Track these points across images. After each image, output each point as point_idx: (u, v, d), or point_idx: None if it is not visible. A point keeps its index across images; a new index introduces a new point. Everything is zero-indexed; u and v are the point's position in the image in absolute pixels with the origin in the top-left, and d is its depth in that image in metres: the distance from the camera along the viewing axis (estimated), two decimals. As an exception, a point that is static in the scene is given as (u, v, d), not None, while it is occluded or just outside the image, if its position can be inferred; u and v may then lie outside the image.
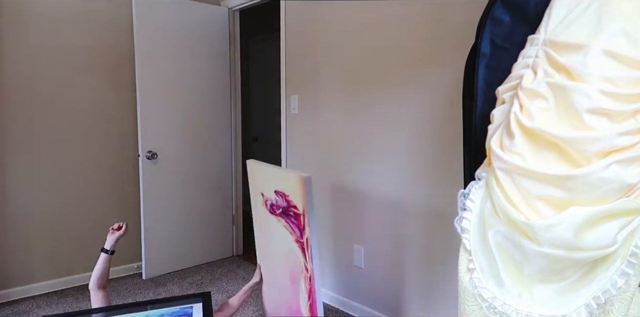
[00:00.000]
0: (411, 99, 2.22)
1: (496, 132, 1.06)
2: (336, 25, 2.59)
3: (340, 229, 2.69)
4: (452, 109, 2.03)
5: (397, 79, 2.27)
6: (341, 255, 2.69)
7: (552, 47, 0.98)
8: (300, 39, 2.85)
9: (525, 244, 0.93)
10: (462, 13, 1.97)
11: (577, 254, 0.88)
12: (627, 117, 0.88)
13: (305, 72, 2.83)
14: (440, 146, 2.12)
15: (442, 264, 2.13)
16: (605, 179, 0.87)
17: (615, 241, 0.87)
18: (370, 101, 2.42)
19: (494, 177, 1.01)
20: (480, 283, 1.01)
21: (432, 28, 2.10)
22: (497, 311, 0.97)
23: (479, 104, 1.21)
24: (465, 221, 1.08)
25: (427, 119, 2.16)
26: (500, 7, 1.18)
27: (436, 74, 2.10)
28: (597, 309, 0.89)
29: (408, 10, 2.19)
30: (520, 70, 1.05)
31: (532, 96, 0.98)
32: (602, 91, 0.88)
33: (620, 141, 0.87)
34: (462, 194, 1.12)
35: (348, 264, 2.65)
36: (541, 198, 0.93)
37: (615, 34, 0.90)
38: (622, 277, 0.88)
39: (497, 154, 1.00)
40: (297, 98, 2.90)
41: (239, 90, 3.61)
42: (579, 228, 0.87)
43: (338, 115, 2.62)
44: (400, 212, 2.31)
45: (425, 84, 2.15)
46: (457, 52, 1.98)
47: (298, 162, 2.94)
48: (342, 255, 2.68)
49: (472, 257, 1.04)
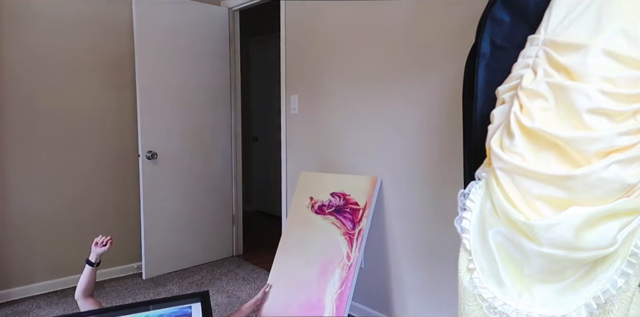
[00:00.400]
0: (411, 98, 2.22)
1: (496, 132, 1.06)
2: (336, 25, 2.59)
3: (340, 229, 2.69)
4: (452, 109, 2.03)
5: (397, 79, 2.27)
6: (341, 255, 2.69)
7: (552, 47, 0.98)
8: (300, 39, 2.85)
9: (525, 244, 0.93)
10: (462, 13, 1.97)
11: (577, 254, 0.88)
12: (627, 117, 0.88)
13: (305, 72, 2.83)
14: (440, 146, 2.12)
15: (442, 264, 2.13)
16: (605, 179, 0.87)
17: (615, 241, 0.87)
18: (371, 101, 2.42)
19: (494, 177, 1.01)
20: (480, 283, 1.01)
21: (432, 28, 2.10)
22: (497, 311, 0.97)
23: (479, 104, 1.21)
24: (465, 221, 1.08)
25: (427, 119, 2.16)
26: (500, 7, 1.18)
27: (436, 74, 2.10)
28: (597, 309, 0.89)
29: (408, 10, 2.20)
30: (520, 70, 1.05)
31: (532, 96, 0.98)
32: (602, 91, 0.89)
33: (620, 141, 0.87)
34: (462, 194, 1.12)
35: (348, 264, 2.65)
36: (541, 198, 0.93)
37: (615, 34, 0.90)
38: (622, 277, 0.88)
39: (497, 154, 1.00)
40: (297, 98, 2.90)
41: (239, 90, 3.61)
42: (579, 228, 0.87)
43: (338, 115, 2.62)
44: (400, 211, 2.31)
45: (425, 84, 2.15)
46: (457, 52, 1.98)
47: (298, 162, 2.94)
48: (342, 255, 2.68)
49: (472, 257, 1.04)
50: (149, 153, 3.05)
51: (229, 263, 3.47)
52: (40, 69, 2.79)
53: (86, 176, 3.01)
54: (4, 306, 2.68)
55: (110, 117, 3.08)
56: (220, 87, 3.45)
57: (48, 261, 2.89)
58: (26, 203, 2.80)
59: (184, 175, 3.27)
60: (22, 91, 2.74)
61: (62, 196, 2.92)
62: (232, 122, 3.56)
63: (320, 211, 2.45)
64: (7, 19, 2.66)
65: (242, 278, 3.16)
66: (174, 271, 3.27)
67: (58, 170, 2.90)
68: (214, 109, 3.42)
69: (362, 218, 2.25)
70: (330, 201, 2.43)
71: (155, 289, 2.96)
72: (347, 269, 2.18)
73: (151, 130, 3.06)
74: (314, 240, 2.41)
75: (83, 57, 2.94)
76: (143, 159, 3.03)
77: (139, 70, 2.97)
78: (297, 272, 2.38)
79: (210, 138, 3.41)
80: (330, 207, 2.41)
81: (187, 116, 3.26)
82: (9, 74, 2.69)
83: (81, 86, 2.95)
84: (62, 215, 2.93)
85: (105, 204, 3.10)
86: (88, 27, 2.95)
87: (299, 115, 2.90)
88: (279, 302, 2.35)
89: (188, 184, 3.30)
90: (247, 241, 3.90)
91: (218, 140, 3.47)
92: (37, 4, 2.75)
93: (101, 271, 3.04)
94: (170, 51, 3.11)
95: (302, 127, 2.89)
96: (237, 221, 3.67)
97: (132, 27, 3.00)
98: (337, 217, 2.36)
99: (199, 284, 3.04)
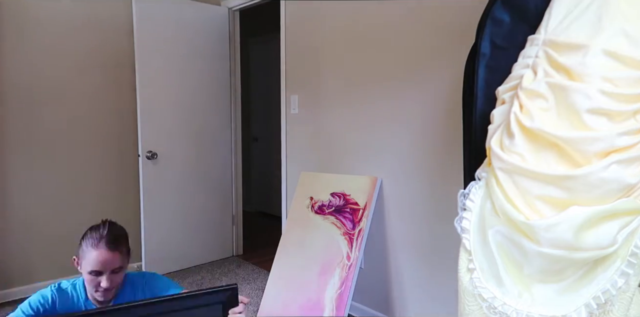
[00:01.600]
0: (411, 98, 2.22)
1: (496, 132, 1.06)
2: (336, 25, 2.59)
3: (340, 229, 2.68)
4: (452, 109, 2.03)
5: (397, 79, 2.27)
6: (341, 255, 2.69)
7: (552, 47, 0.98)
8: (300, 39, 2.85)
9: (525, 244, 0.93)
10: (462, 13, 1.97)
11: (577, 254, 0.88)
12: (627, 117, 0.88)
13: (305, 72, 2.83)
14: (440, 146, 2.12)
15: (442, 264, 2.13)
16: (605, 179, 0.87)
17: (615, 241, 0.87)
18: (371, 101, 2.42)
19: (494, 177, 1.01)
20: (480, 283, 1.01)
21: (432, 28, 2.10)
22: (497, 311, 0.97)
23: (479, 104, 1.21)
24: (465, 221, 1.08)
25: (427, 119, 2.16)
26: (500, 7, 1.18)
27: (436, 74, 2.10)
28: (597, 309, 0.89)
29: (408, 11, 2.19)
30: (520, 70, 1.05)
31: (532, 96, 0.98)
32: (602, 91, 0.88)
33: (620, 141, 0.87)
34: (462, 194, 1.12)
35: (348, 264, 2.65)
36: (541, 198, 0.93)
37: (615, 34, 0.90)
38: (622, 277, 0.88)
39: (497, 154, 1.00)
40: (297, 98, 2.90)
41: (239, 90, 3.61)
42: (579, 228, 0.87)
43: (338, 115, 2.62)
44: (400, 211, 2.31)
45: (425, 84, 2.15)
46: (457, 52, 1.98)
47: (298, 162, 2.94)
48: (342, 255, 2.68)
49: (472, 257, 1.04)
50: (149, 153, 3.05)
51: (229, 263, 3.47)
52: (40, 69, 2.79)
53: (86, 176, 3.01)
54: (4, 306, 2.68)
55: (110, 117, 3.08)
56: (220, 87, 3.45)
57: (48, 261, 2.89)
58: (26, 203, 2.80)
59: (184, 175, 3.27)
60: (22, 91, 2.73)
61: (62, 196, 2.92)
62: (232, 122, 3.56)
63: (320, 211, 2.47)
64: (7, 19, 2.66)
65: (242, 278, 3.16)
66: (174, 271, 3.26)
67: (58, 170, 2.90)
68: (214, 109, 3.42)
69: (362, 218, 2.26)
70: (331, 201, 2.44)
71: (155, 289, 2.95)
72: (347, 269, 2.19)
73: (151, 130, 3.06)
74: (314, 240, 2.42)
75: (83, 57, 2.94)
76: (143, 159, 3.03)
77: (139, 70, 2.97)
78: (297, 272, 2.38)
79: (210, 138, 3.41)
80: (330, 207, 2.42)
81: (187, 116, 3.25)
82: (9, 74, 2.69)
83: (81, 86, 2.95)
84: (62, 215, 2.93)
85: (105, 204, 3.10)
86: (88, 27, 2.95)
87: (299, 115, 2.90)
88: (279, 302, 2.35)
89: (188, 184, 3.30)
90: (247, 241, 3.90)
91: (218, 141, 3.47)
92: (37, 5, 2.75)
93: (101, 271, 3.04)
94: (170, 51, 3.11)
95: (302, 127, 2.89)
96: (237, 221, 3.67)
97: (132, 27, 3.00)
98: (337, 217, 2.37)
99: (199, 284, 3.04)
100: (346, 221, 2.32)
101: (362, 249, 2.19)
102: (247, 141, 5.27)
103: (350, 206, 2.34)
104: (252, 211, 5.28)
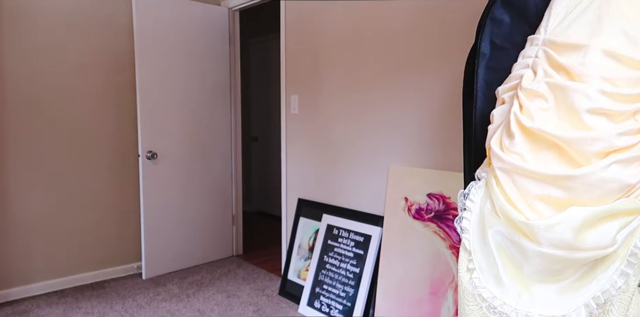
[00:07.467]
0: (411, 98, 2.22)
1: (496, 132, 1.06)
2: (336, 25, 2.59)
3: (340, 229, 2.68)
4: (452, 109, 2.03)
5: (397, 78, 2.27)
6: (341, 255, 2.68)
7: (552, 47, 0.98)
8: (300, 39, 2.85)
9: (524, 244, 0.93)
10: (462, 13, 1.97)
11: (577, 254, 0.88)
12: (626, 117, 0.88)
13: (305, 72, 2.83)
14: (440, 146, 2.12)
15: (442, 264, 2.13)
16: (605, 179, 0.87)
17: (615, 241, 0.87)
18: (371, 101, 2.42)
19: (494, 177, 1.01)
20: (480, 283, 1.01)
21: (432, 28, 2.10)
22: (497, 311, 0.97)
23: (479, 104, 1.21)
24: (465, 221, 1.08)
25: (427, 119, 2.16)
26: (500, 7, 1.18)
27: (436, 74, 2.10)
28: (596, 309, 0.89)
29: (408, 11, 2.20)
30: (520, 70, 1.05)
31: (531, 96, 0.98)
32: (601, 91, 0.88)
33: (620, 141, 0.87)
34: (462, 194, 1.12)
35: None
36: (541, 198, 0.93)
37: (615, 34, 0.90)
38: (621, 277, 0.88)
39: (497, 154, 1.00)
40: (297, 98, 2.90)
41: (239, 90, 3.61)
42: (579, 228, 0.87)
43: (338, 115, 2.62)
44: (400, 212, 2.31)
45: (425, 84, 2.15)
46: (457, 52, 1.98)
47: (298, 162, 2.94)
48: (342, 255, 2.68)
49: (472, 257, 1.04)
50: (149, 153, 3.05)
51: (229, 263, 3.48)
52: (40, 69, 2.79)
53: (86, 176, 3.01)
54: (4, 306, 2.68)
55: (110, 117, 3.08)
56: (220, 87, 3.45)
57: (48, 261, 2.89)
58: (26, 203, 2.80)
59: (184, 175, 3.27)
60: (22, 91, 2.74)
61: (62, 196, 2.93)
62: (232, 122, 3.56)
63: (418, 216, 2.10)
64: (7, 19, 2.66)
65: (242, 278, 3.16)
66: (174, 271, 3.27)
67: (58, 170, 2.90)
68: (214, 109, 3.42)
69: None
70: (429, 204, 2.06)
71: (155, 289, 2.96)
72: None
73: (151, 130, 3.06)
74: (416, 251, 2.09)
75: (83, 57, 2.94)
76: (143, 159, 3.03)
77: (139, 70, 2.97)
78: (406, 288, 2.12)
79: (210, 138, 3.41)
80: (429, 212, 2.05)
81: (187, 116, 3.26)
82: (9, 74, 2.69)
83: (81, 86, 2.95)
84: (62, 215, 2.93)
85: (105, 204, 3.11)
86: (88, 27, 2.95)
87: (299, 115, 2.90)
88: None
89: (188, 184, 3.30)
90: (247, 241, 3.90)
91: (218, 140, 3.47)
92: (37, 5, 2.75)
93: (101, 271, 3.05)
94: (170, 51, 3.11)
95: (302, 127, 2.89)
96: (237, 221, 3.67)
97: (132, 26, 3.00)
98: (439, 226, 1.99)
99: (199, 284, 3.04)
100: (451, 231, 1.94)
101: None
102: (247, 141, 5.27)
103: (452, 211, 1.96)
104: (252, 211, 5.28)
